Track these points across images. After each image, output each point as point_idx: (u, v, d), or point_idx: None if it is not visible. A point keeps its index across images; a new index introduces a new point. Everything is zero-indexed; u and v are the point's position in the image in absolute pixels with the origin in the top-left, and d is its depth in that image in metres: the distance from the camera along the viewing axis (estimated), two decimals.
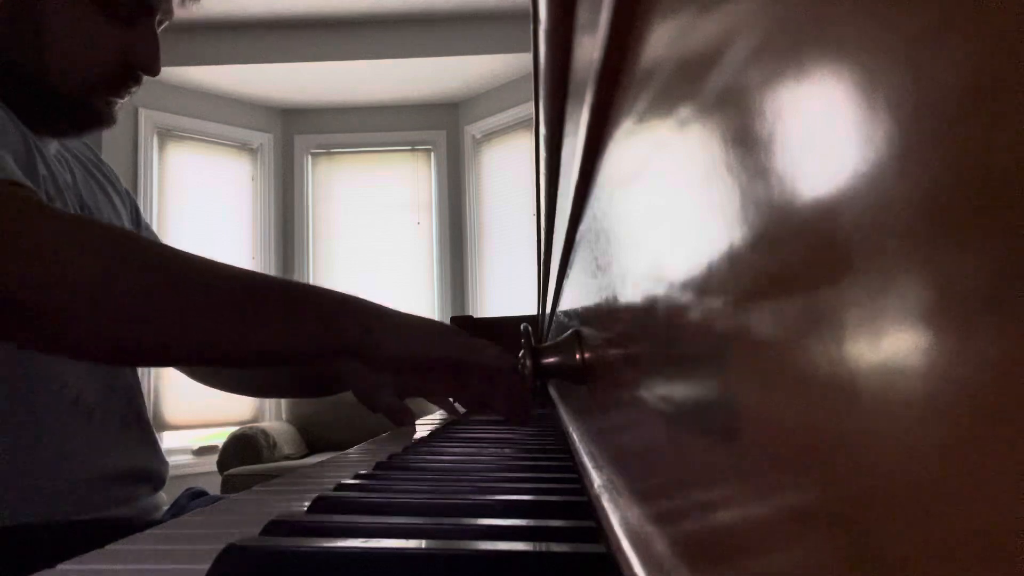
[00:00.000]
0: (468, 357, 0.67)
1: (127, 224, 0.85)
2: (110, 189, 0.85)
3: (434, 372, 0.68)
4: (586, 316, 0.39)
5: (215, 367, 0.79)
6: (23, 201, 0.52)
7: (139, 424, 0.77)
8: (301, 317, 0.59)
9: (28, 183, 0.55)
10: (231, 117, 3.94)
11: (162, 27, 0.76)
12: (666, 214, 0.17)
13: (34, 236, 0.50)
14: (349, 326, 0.61)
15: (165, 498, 0.81)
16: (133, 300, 0.52)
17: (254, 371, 0.91)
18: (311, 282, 4.04)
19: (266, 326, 0.58)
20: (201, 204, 3.81)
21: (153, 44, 0.73)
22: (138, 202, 0.93)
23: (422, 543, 0.28)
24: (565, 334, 0.44)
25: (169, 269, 0.55)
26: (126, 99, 0.75)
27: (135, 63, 0.72)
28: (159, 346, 0.55)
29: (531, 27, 0.39)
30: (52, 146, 0.75)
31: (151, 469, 0.76)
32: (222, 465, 3.12)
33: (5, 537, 0.60)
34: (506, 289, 3.80)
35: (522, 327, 0.58)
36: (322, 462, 0.61)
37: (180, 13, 0.77)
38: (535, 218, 0.95)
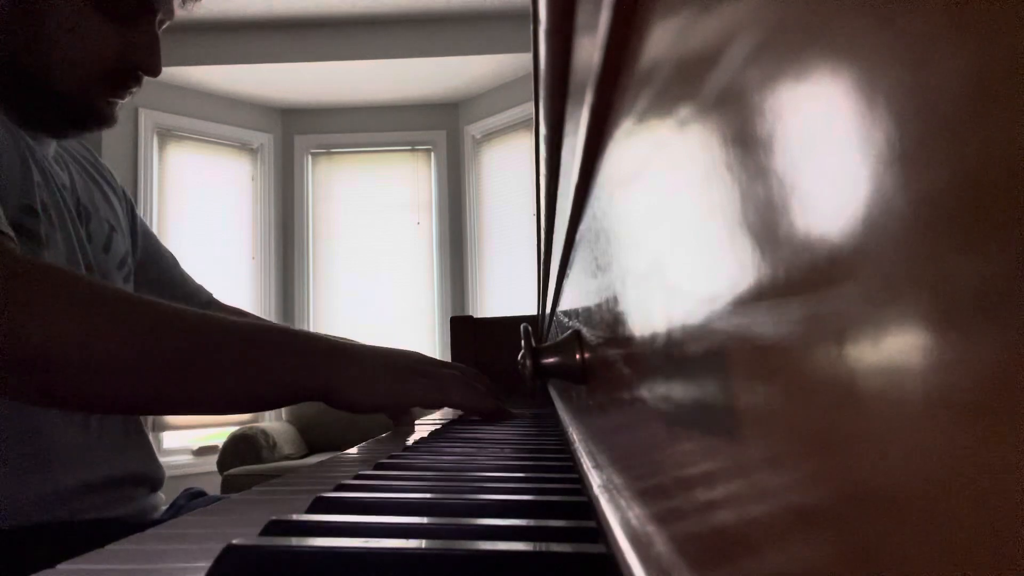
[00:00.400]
0: (434, 398, 0.69)
1: (123, 222, 0.85)
2: (107, 188, 0.85)
3: (402, 410, 0.70)
4: (586, 316, 0.39)
5: (172, 414, 0.80)
6: None
7: (138, 432, 0.77)
8: (260, 367, 0.59)
9: (5, 229, 0.56)
10: (231, 117, 3.94)
11: (163, 27, 0.75)
12: (666, 214, 0.17)
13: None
14: (310, 375, 0.61)
15: (163, 498, 0.81)
16: (89, 351, 0.52)
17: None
18: (311, 284, 4.05)
19: (221, 377, 0.58)
20: (201, 204, 3.81)
21: (154, 44, 0.73)
22: (138, 202, 0.93)
23: (422, 543, 0.28)
24: (565, 334, 0.44)
25: (126, 318, 0.55)
26: (127, 99, 0.75)
27: (135, 63, 0.72)
28: (113, 397, 0.55)
29: (531, 27, 0.39)
30: (51, 147, 0.75)
31: (149, 474, 0.76)
32: (222, 465, 3.12)
33: (5, 537, 0.60)
34: (506, 289, 3.80)
35: (522, 327, 0.58)
36: (322, 462, 0.61)
37: (181, 13, 0.77)
38: (535, 218, 0.94)
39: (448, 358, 1.48)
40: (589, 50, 0.22)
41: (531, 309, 1.56)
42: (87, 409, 0.64)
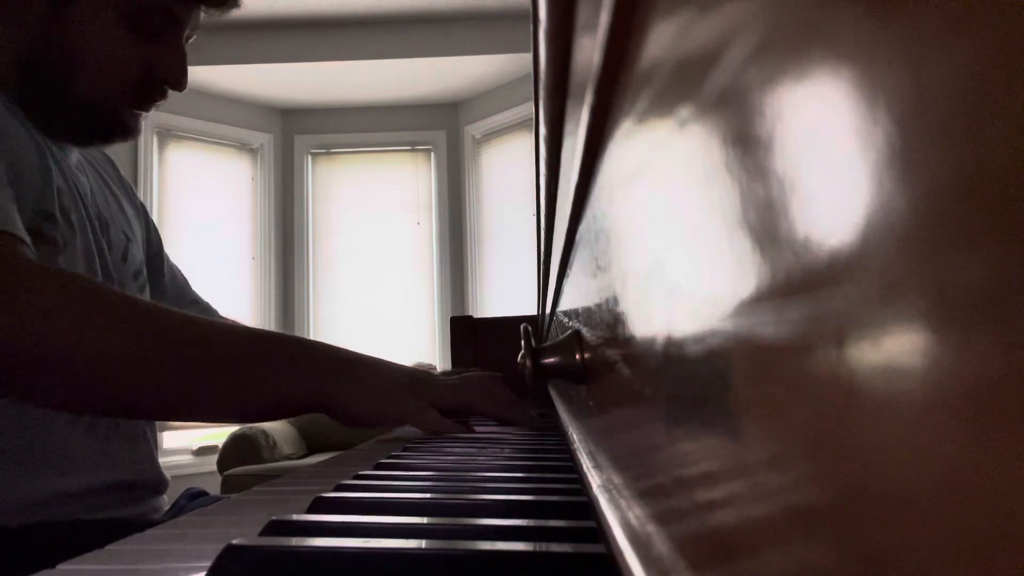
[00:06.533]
0: (455, 400, 0.70)
1: (139, 235, 0.86)
2: (124, 201, 0.87)
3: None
4: (586, 316, 0.39)
5: (179, 420, 0.82)
6: (5, 253, 0.54)
7: (144, 439, 0.77)
8: (268, 377, 0.60)
9: (19, 232, 0.57)
10: (231, 117, 3.94)
11: (189, 41, 0.77)
12: (666, 214, 0.17)
13: (8, 289, 0.52)
14: (309, 387, 0.62)
15: (166, 500, 0.81)
16: (97, 354, 0.54)
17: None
18: (311, 284, 4.04)
19: (231, 384, 0.59)
20: (201, 204, 3.81)
21: (180, 58, 0.74)
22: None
23: (422, 543, 0.28)
24: (565, 334, 0.44)
25: (134, 323, 0.56)
26: (151, 111, 0.77)
27: (162, 77, 0.74)
28: (121, 401, 0.57)
29: (531, 27, 0.39)
30: (74, 156, 0.77)
31: (153, 481, 0.77)
32: (222, 465, 3.12)
33: (6, 537, 0.60)
34: (506, 289, 3.80)
35: (522, 327, 0.58)
36: (322, 462, 0.61)
37: (205, 24, 0.79)
38: (535, 218, 0.94)
39: (448, 358, 1.48)
40: (589, 50, 0.22)
41: (531, 309, 1.56)
42: (93, 412, 0.65)
